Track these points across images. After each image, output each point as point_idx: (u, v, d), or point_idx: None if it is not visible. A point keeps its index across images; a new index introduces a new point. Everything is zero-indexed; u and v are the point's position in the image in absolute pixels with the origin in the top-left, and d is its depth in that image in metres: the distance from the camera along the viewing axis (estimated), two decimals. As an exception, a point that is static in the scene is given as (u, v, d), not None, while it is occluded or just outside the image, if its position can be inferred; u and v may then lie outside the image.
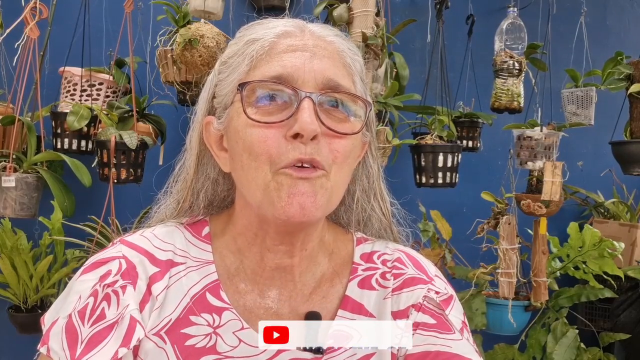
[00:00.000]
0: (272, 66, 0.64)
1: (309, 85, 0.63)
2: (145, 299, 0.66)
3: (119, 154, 1.78)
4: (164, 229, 0.73)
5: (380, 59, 1.78)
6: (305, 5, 2.22)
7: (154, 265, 0.68)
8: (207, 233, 0.73)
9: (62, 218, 1.91)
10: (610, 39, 2.67)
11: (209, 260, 0.71)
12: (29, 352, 2.42)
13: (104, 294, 0.65)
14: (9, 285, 1.94)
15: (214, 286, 0.69)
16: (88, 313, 0.65)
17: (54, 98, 2.03)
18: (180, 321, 0.66)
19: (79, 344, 0.63)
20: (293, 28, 0.67)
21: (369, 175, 0.75)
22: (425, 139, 1.90)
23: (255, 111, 0.63)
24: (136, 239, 0.71)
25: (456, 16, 2.23)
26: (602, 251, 1.84)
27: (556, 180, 1.80)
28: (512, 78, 1.98)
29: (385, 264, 0.75)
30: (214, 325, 0.67)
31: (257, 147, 0.62)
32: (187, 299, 0.68)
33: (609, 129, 2.13)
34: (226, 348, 0.66)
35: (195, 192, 0.74)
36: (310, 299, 0.71)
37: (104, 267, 0.67)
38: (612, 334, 2.09)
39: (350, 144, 0.65)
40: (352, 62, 0.68)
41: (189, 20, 1.84)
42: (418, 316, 0.70)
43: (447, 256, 2.02)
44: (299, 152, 0.61)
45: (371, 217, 0.77)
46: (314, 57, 0.64)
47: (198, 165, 0.73)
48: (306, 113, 0.61)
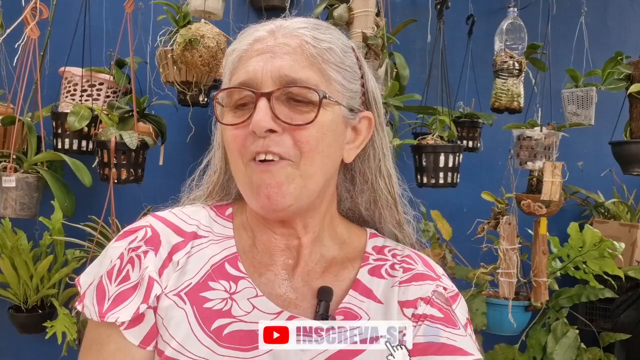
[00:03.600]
0: (240, 74, 0.71)
1: (267, 84, 0.69)
2: (165, 264, 0.73)
3: (120, 154, 1.78)
4: (191, 208, 0.80)
5: (380, 59, 1.78)
6: (305, 5, 2.22)
7: (178, 235, 0.75)
8: (230, 213, 0.81)
9: (62, 218, 1.91)
10: (611, 39, 2.67)
11: (229, 236, 0.77)
12: (29, 352, 2.42)
13: (129, 257, 0.72)
14: (10, 285, 1.94)
15: (233, 258, 0.75)
16: (115, 273, 0.72)
17: (55, 98, 2.03)
18: (199, 285, 0.72)
19: (107, 301, 0.70)
20: (265, 32, 0.72)
21: (376, 153, 0.79)
22: (426, 139, 1.90)
23: (232, 115, 0.71)
24: (165, 214, 0.79)
25: (456, 16, 2.23)
26: (602, 251, 1.84)
27: (556, 180, 1.80)
28: (512, 78, 1.98)
29: (395, 257, 0.80)
30: (230, 291, 0.72)
31: (231, 145, 0.71)
32: (208, 266, 0.74)
33: (609, 129, 2.13)
34: (240, 312, 0.71)
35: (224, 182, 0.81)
36: (323, 276, 0.75)
37: (133, 235, 0.75)
38: (613, 334, 2.09)
39: (316, 131, 0.69)
40: (317, 52, 0.71)
41: (189, 20, 1.84)
42: (427, 308, 0.74)
43: (448, 256, 2.02)
44: (256, 146, 0.68)
45: (380, 196, 0.80)
46: (275, 56, 0.69)
47: (226, 160, 0.78)
48: (259, 111, 0.67)
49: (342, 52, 0.73)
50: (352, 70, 0.74)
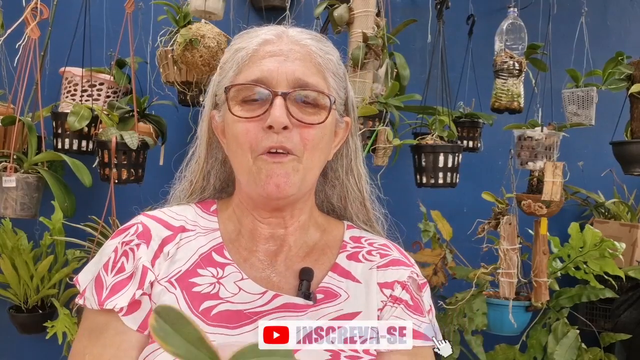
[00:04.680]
0: (253, 71, 0.76)
1: (281, 85, 0.75)
2: (157, 255, 0.79)
3: (120, 154, 1.78)
4: (178, 207, 0.87)
5: (380, 59, 1.78)
6: (305, 6, 2.22)
7: (167, 229, 0.81)
8: (215, 209, 0.87)
9: (62, 218, 1.91)
10: (611, 39, 2.67)
11: (215, 228, 0.84)
12: (29, 352, 2.42)
13: (123, 251, 0.79)
14: (10, 285, 1.94)
15: (219, 247, 0.82)
16: (110, 265, 0.78)
17: (55, 98, 2.03)
18: (189, 272, 0.78)
19: (104, 290, 0.76)
20: (273, 36, 0.79)
21: (348, 153, 0.88)
22: (426, 139, 1.90)
23: (240, 109, 0.76)
24: (154, 212, 0.85)
25: (457, 16, 2.23)
26: (602, 251, 1.84)
27: (557, 180, 1.80)
28: (513, 78, 1.98)
29: (372, 245, 0.88)
30: (217, 276, 0.78)
31: (241, 138, 0.75)
32: (196, 256, 0.80)
33: (610, 129, 2.13)
34: (227, 294, 0.77)
35: (206, 173, 0.87)
36: (304, 260, 0.83)
37: (125, 232, 0.81)
38: (613, 334, 2.09)
39: (320, 132, 0.77)
40: (323, 62, 0.79)
41: (189, 20, 1.85)
42: (402, 293, 0.82)
43: (448, 256, 2.02)
44: (271, 140, 0.74)
45: (350, 192, 0.89)
46: (287, 60, 0.76)
47: (208, 150, 0.86)
48: (277, 108, 0.73)
49: (337, 63, 0.82)
50: (343, 80, 0.84)
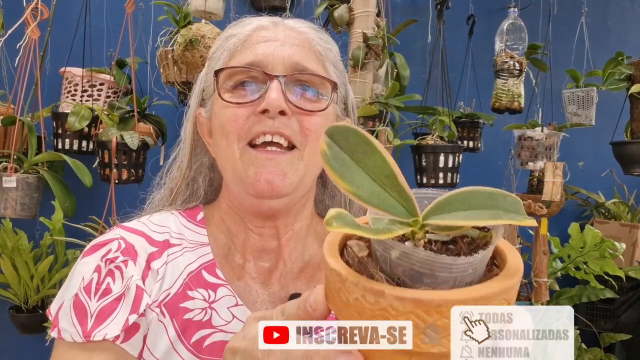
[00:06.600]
0: (246, 55, 0.70)
1: (278, 69, 0.68)
2: (145, 273, 0.69)
3: (120, 155, 1.78)
4: (158, 215, 0.77)
5: (381, 60, 1.78)
6: (305, 6, 2.22)
7: (152, 245, 0.71)
8: (202, 218, 0.77)
9: (63, 218, 1.91)
10: (611, 39, 2.67)
11: (204, 242, 0.74)
12: (30, 353, 2.42)
13: (107, 270, 0.67)
14: (10, 285, 1.94)
15: (210, 265, 0.72)
16: (94, 288, 0.66)
17: (55, 98, 2.03)
18: (178, 296, 0.69)
19: (89, 318, 0.64)
20: (268, 23, 0.73)
21: None
22: (426, 139, 1.90)
23: (230, 95, 0.69)
24: (133, 224, 0.74)
25: (457, 17, 2.23)
26: (603, 251, 1.84)
27: (557, 180, 1.80)
28: (513, 78, 1.98)
29: None
30: (209, 300, 0.70)
31: (229, 125, 0.68)
32: (184, 275, 0.71)
33: (610, 129, 2.13)
34: (221, 322, 0.69)
35: (189, 180, 0.79)
36: (299, 277, 0.75)
37: (104, 248, 0.69)
38: (613, 335, 2.09)
39: (322, 120, 0.69)
40: (322, 50, 0.73)
41: (189, 20, 1.84)
42: None
43: (448, 256, 2.02)
44: (264, 126, 0.66)
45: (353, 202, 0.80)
46: (284, 45, 0.70)
47: (192, 154, 0.78)
48: (273, 91, 0.66)
49: (337, 55, 0.76)
50: (343, 75, 0.77)
